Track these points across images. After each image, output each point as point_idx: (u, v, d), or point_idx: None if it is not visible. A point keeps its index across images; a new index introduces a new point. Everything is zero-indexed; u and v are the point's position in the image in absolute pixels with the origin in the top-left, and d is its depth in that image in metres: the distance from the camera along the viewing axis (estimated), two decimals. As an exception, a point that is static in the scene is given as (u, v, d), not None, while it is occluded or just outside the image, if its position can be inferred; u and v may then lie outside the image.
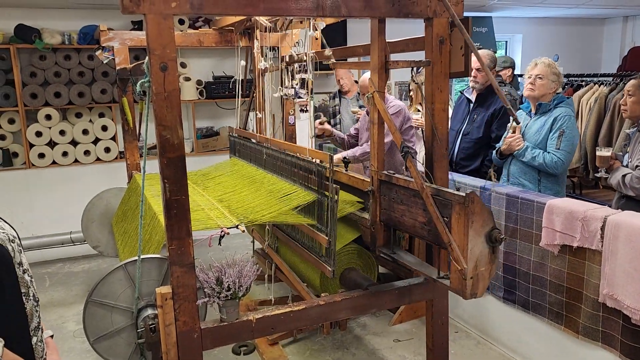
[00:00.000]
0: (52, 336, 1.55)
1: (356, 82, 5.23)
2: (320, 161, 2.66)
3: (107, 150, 5.48)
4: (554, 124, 3.27)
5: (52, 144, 5.30)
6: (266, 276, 3.63)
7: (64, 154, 5.34)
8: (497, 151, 3.52)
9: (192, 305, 2.01)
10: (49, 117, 5.20)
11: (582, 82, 5.72)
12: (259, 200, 2.82)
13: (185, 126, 5.74)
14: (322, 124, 4.16)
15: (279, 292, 3.95)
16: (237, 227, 2.40)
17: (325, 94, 6.20)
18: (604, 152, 3.19)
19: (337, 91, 5.43)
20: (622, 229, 2.49)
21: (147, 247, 2.82)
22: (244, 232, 2.46)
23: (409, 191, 2.20)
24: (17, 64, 5.06)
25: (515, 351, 3.30)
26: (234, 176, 3.55)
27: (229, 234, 2.32)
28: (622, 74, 5.42)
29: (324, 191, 2.54)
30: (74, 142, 5.39)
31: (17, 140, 5.28)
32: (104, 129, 5.44)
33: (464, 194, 1.87)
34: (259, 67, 3.79)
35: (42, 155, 5.26)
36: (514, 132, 3.39)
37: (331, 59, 3.05)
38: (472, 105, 4.00)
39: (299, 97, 3.48)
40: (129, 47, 4.09)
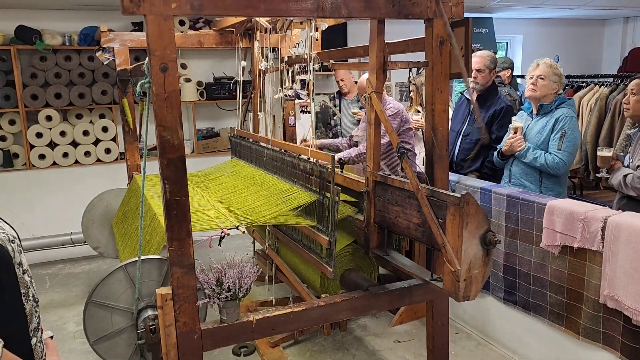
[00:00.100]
0: (51, 337, 1.55)
1: (356, 83, 5.23)
2: (317, 161, 2.66)
3: (108, 151, 5.49)
4: (555, 124, 3.27)
5: (52, 145, 5.30)
6: (266, 277, 3.63)
7: (65, 155, 5.35)
8: (499, 152, 3.52)
9: (192, 306, 2.01)
10: (49, 118, 5.20)
11: (583, 83, 5.72)
12: (259, 201, 2.82)
13: (185, 127, 5.74)
14: (306, 141, 4.00)
15: (279, 293, 3.95)
16: (237, 228, 2.40)
17: (325, 94, 6.21)
18: (605, 152, 3.19)
19: (337, 92, 5.42)
20: (622, 230, 2.49)
21: (148, 248, 2.82)
22: (244, 233, 2.46)
23: (404, 192, 2.20)
24: (18, 65, 5.07)
25: (515, 352, 3.30)
26: (234, 177, 3.54)
27: (229, 235, 2.32)
28: (623, 74, 5.41)
29: (325, 192, 2.54)
30: (74, 143, 5.39)
31: (17, 141, 5.29)
32: (105, 130, 5.44)
33: (459, 195, 1.86)
34: (260, 68, 3.79)
35: (42, 156, 5.26)
36: (515, 133, 3.39)
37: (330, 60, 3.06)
38: (472, 106, 4.00)
39: (299, 98, 3.48)
40: (130, 48, 4.10)
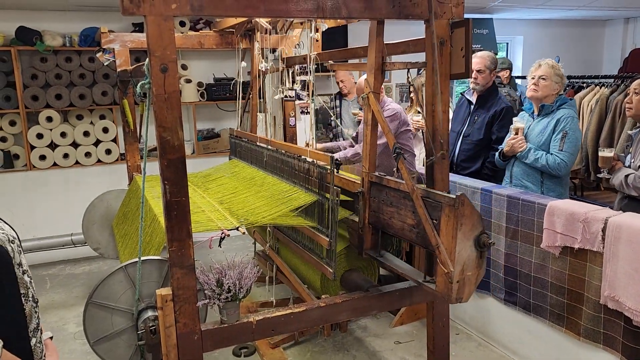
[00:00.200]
0: (51, 338, 1.55)
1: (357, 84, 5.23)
2: (315, 161, 2.66)
3: (108, 152, 5.49)
4: (556, 125, 3.26)
5: (53, 146, 5.30)
6: (267, 278, 3.62)
7: (65, 155, 5.35)
8: (500, 153, 3.51)
9: (192, 307, 2.01)
10: (50, 119, 5.21)
11: (583, 84, 5.71)
12: (259, 202, 2.82)
13: (186, 128, 5.74)
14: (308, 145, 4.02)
15: (279, 294, 3.94)
16: (237, 229, 2.40)
17: (326, 95, 6.20)
18: (607, 152, 3.18)
19: (338, 93, 5.42)
20: (623, 231, 2.49)
21: (148, 248, 2.82)
22: (244, 234, 2.46)
23: (400, 193, 2.20)
24: (18, 66, 5.07)
25: (516, 353, 3.29)
26: (234, 178, 3.54)
27: (229, 235, 2.32)
28: (623, 75, 5.40)
29: (325, 192, 2.54)
30: (74, 144, 5.39)
31: (18, 142, 5.29)
32: (105, 130, 5.44)
33: (454, 196, 1.85)
34: (259, 69, 3.79)
35: (43, 157, 5.26)
36: (516, 134, 3.39)
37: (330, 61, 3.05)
38: (472, 107, 3.99)
39: (299, 98, 3.48)
40: (130, 49, 4.10)
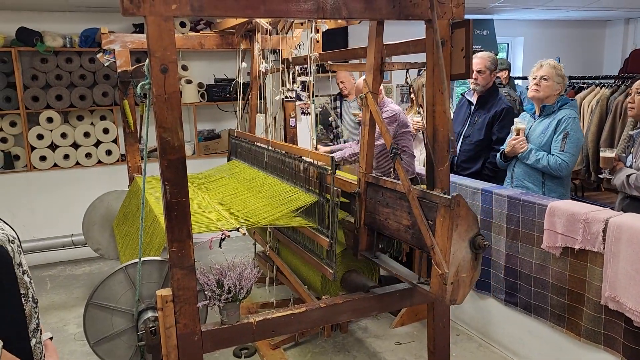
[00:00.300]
0: (51, 338, 1.55)
1: (357, 84, 5.22)
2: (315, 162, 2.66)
3: (109, 152, 5.49)
4: (558, 126, 3.25)
5: (53, 147, 5.31)
6: (267, 279, 3.62)
7: (66, 156, 5.35)
8: (501, 154, 3.51)
9: (192, 307, 2.01)
10: (50, 119, 5.21)
11: (584, 84, 5.71)
12: (260, 202, 2.82)
13: (186, 129, 5.74)
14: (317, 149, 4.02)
15: (280, 294, 3.94)
16: (237, 229, 2.39)
17: (326, 96, 6.20)
18: (608, 153, 3.17)
19: (338, 94, 5.42)
20: (624, 231, 2.48)
21: (148, 249, 2.82)
22: (244, 234, 2.46)
23: (396, 193, 2.19)
24: (19, 66, 5.07)
25: (516, 354, 3.29)
26: (235, 179, 3.54)
27: (229, 236, 2.32)
28: (624, 76, 5.40)
29: (325, 193, 2.54)
30: (75, 145, 5.39)
31: (18, 143, 5.29)
32: (105, 131, 5.44)
33: (450, 197, 1.85)
34: (260, 69, 3.79)
35: (43, 158, 5.26)
36: (517, 135, 3.38)
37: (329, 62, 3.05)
38: (473, 107, 3.99)
39: (300, 99, 3.48)
40: (130, 49, 4.10)
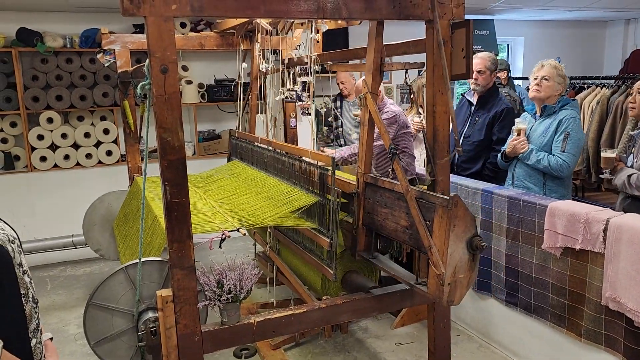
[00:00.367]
0: (51, 339, 1.55)
1: (358, 85, 5.22)
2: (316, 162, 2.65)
3: (109, 153, 5.49)
4: (559, 126, 3.24)
5: (53, 147, 5.31)
6: (267, 279, 3.62)
7: (66, 157, 5.35)
8: (502, 154, 3.50)
9: (192, 308, 2.00)
10: (50, 120, 5.21)
11: (584, 85, 5.71)
12: (260, 203, 2.82)
13: (187, 129, 5.74)
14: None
15: (280, 295, 3.94)
16: (238, 230, 2.39)
17: (326, 96, 6.21)
18: (609, 153, 3.17)
19: (339, 94, 5.42)
20: (624, 232, 2.48)
21: (148, 250, 2.81)
22: (245, 235, 2.46)
23: (394, 194, 2.19)
24: (19, 67, 5.07)
25: (517, 354, 3.28)
26: (235, 179, 3.54)
27: (229, 237, 2.32)
28: (624, 76, 5.40)
29: (326, 194, 2.54)
30: (75, 146, 5.39)
31: (19, 143, 5.29)
32: (106, 132, 5.44)
33: (448, 197, 1.85)
34: (260, 70, 3.79)
35: (43, 158, 5.26)
36: (518, 135, 3.38)
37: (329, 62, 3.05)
38: (473, 107, 3.99)
39: (300, 100, 3.48)
40: (131, 50, 4.11)
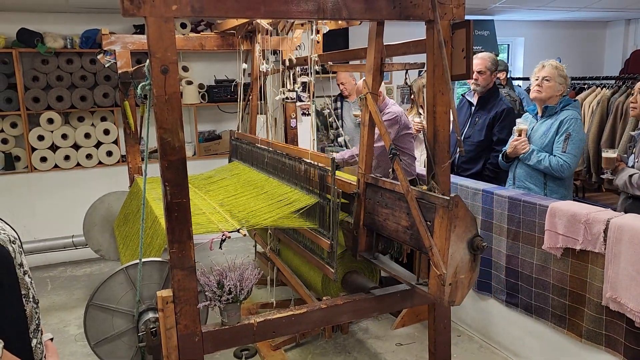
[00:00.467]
0: (52, 339, 1.55)
1: (358, 85, 5.22)
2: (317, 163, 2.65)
3: (109, 153, 5.49)
4: (560, 127, 3.24)
5: (54, 148, 5.31)
6: (268, 278, 3.62)
7: (66, 157, 5.35)
8: (503, 154, 3.50)
9: (193, 308, 2.00)
10: (51, 120, 5.21)
11: (585, 85, 5.71)
12: (260, 204, 2.81)
13: (187, 130, 5.74)
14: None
15: (280, 295, 3.94)
16: (238, 231, 2.39)
17: (326, 97, 6.21)
18: (610, 153, 3.16)
19: (339, 95, 5.42)
20: (625, 232, 2.48)
21: (149, 250, 2.81)
22: (245, 235, 2.46)
23: (395, 194, 2.19)
24: (20, 67, 5.08)
25: (518, 355, 3.28)
26: (235, 180, 3.54)
27: (230, 237, 2.31)
28: (625, 76, 5.40)
29: (326, 194, 2.54)
30: (76, 146, 5.40)
31: (19, 144, 5.29)
32: (106, 132, 5.45)
33: (448, 197, 1.85)
34: (261, 70, 3.79)
35: (44, 159, 5.27)
36: (519, 135, 3.38)
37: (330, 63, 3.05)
38: (473, 108, 3.99)
39: (300, 100, 3.48)
40: (131, 50, 4.10)
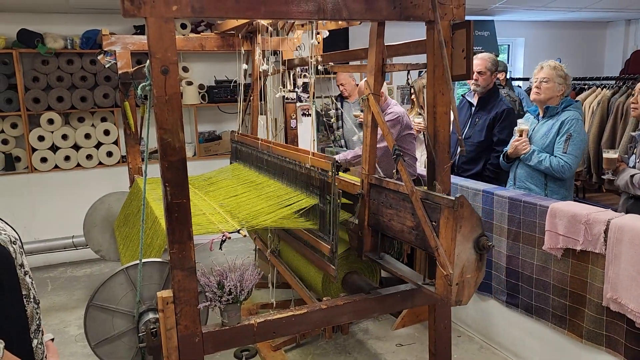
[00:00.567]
0: (52, 339, 1.55)
1: (358, 86, 5.22)
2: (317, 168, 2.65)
3: (110, 154, 5.49)
4: (561, 127, 3.23)
5: (54, 148, 5.31)
6: (269, 276, 3.61)
7: (66, 158, 5.35)
8: (504, 155, 3.50)
9: (193, 309, 2.00)
10: (51, 121, 5.21)
11: (585, 86, 5.71)
12: (260, 204, 2.81)
13: (187, 130, 5.74)
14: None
15: (281, 296, 3.94)
16: (238, 231, 2.39)
17: (326, 97, 6.20)
18: (611, 154, 3.16)
19: (339, 95, 5.42)
20: (625, 232, 2.48)
21: (149, 251, 2.81)
22: (245, 236, 2.46)
23: (399, 195, 2.19)
24: (20, 68, 5.08)
25: (518, 355, 3.28)
26: (235, 181, 3.54)
27: (230, 238, 2.31)
28: (625, 77, 5.40)
29: (326, 195, 2.54)
30: (76, 147, 5.40)
31: (19, 144, 5.29)
32: (106, 133, 5.45)
33: (454, 198, 1.85)
34: (260, 70, 3.78)
35: (44, 159, 5.27)
36: (520, 136, 3.37)
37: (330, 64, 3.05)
38: (473, 108, 3.99)
39: (300, 100, 3.48)
40: (131, 51, 4.10)
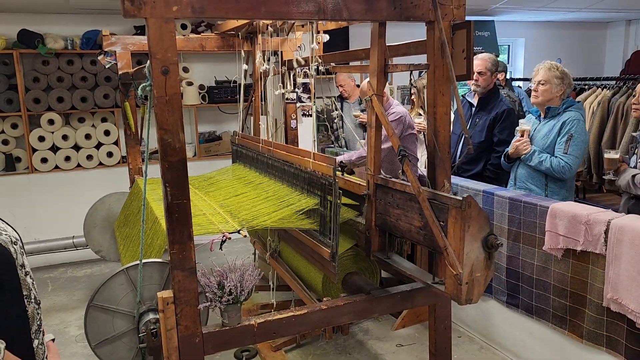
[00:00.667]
0: (53, 340, 1.55)
1: (358, 86, 5.23)
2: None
3: (110, 154, 5.49)
4: (562, 128, 3.22)
5: (54, 149, 5.31)
6: (270, 274, 3.61)
7: (67, 158, 5.35)
8: (505, 155, 3.50)
9: (193, 309, 2.00)
10: (51, 122, 5.21)
11: (585, 86, 5.71)
12: (261, 205, 2.81)
13: (187, 131, 5.75)
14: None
15: (281, 296, 3.94)
16: (238, 232, 2.39)
17: (327, 97, 6.20)
18: (612, 154, 3.15)
19: (339, 95, 5.42)
20: (626, 233, 2.48)
21: (149, 251, 2.81)
22: (245, 236, 2.46)
23: (405, 195, 2.19)
24: (20, 69, 5.08)
25: (518, 356, 3.28)
26: (236, 181, 3.54)
27: (230, 238, 2.31)
28: (625, 77, 5.40)
29: (327, 196, 2.53)
30: (76, 147, 5.40)
31: (20, 145, 5.30)
32: (107, 133, 5.45)
33: (461, 198, 1.85)
34: (261, 70, 3.78)
35: (44, 160, 5.27)
36: (521, 136, 3.37)
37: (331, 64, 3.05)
38: (474, 109, 3.99)
39: (300, 101, 3.48)
40: (132, 51, 4.11)
